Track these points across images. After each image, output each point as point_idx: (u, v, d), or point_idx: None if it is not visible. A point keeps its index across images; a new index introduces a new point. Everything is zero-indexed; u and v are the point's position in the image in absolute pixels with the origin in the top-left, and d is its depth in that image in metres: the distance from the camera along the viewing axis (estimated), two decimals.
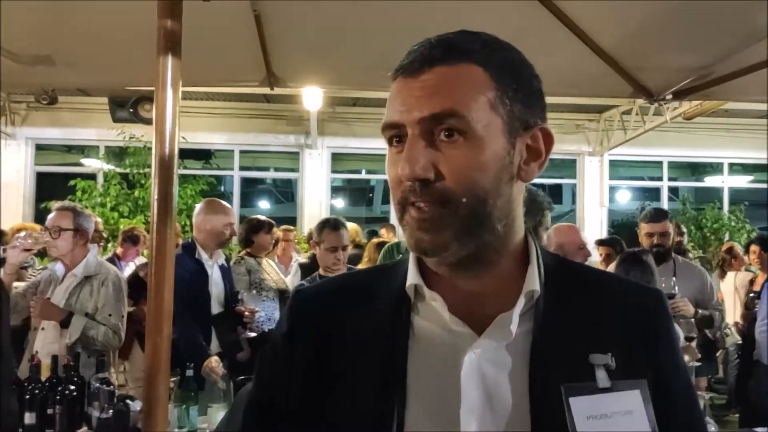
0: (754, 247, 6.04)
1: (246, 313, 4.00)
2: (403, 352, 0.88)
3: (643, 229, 4.12)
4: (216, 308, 3.94)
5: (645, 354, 0.88)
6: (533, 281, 0.89)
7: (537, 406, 0.83)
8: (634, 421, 0.82)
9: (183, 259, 3.93)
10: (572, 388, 0.83)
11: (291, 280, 5.69)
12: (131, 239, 6.13)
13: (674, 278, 3.81)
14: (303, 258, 6.76)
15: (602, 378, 0.84)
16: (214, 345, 3.84)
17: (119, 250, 6.16)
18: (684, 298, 3.79)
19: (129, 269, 5.97)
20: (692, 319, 3.93)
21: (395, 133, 0.87)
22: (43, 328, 3.41)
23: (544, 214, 2.87)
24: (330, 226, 3.55)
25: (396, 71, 0.88)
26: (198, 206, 4.13)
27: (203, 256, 3.92)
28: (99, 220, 6.06)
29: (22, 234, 3.50)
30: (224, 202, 4.18)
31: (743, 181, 11.72)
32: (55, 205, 3.65)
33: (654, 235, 4.04)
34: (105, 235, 7.36)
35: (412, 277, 0.91)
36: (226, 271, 4.09)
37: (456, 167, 0.83)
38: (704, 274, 4.22)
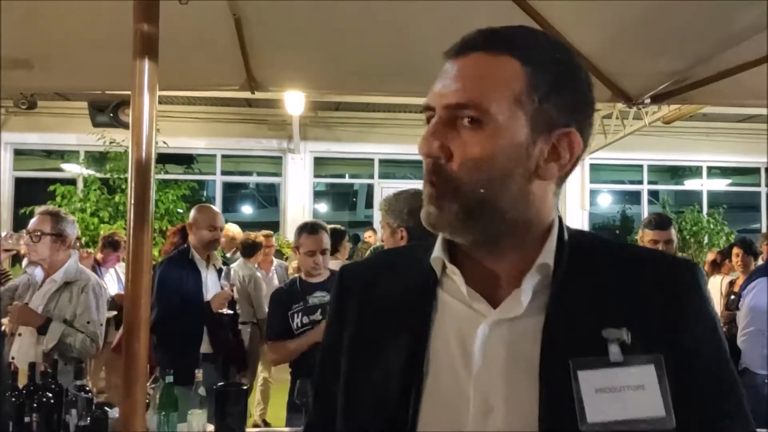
0: (736, 250, 6.06)
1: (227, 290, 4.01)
2: (426, 322, 0.92)
3: (647, 235, 4.08)
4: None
5: (667, 329, 0.86)
6: (547, 255, 0.91)
7: (546, 379, 0.84)
8: (646, 396, 0.82)
9: (176, 262, 3.98)
10: (582, 361, 0.83)
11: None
12: (111, 245, 6.08)
13: None
14: (292, 264, 6.74)
15: (615, 352, 0.84)
16: (206, 347, 3.87)
17: (99, 256, 6.10)
18: None
19: (110, 275, 5.92)
20: None
21: (430, 114, 0.91)
22: (20, 334, 3.36)
23: None
24: (307, 230, 3.54)
25: (445, 53, 0.92)
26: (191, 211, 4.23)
27: (197, 259, 3.96)
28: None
29: (4, 234, 3.46)
30: (213, 207, 4.25)
31: (721, 185, 11.87)
32: (38, 209, 3.62)
33: (659, 243, 4.02)
34: (83, 241, 7.28)
35: (437, 251, 0.96)
36: (223, 275, 4.09)
37: (466, 152, 0.87)
38: None
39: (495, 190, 0.87)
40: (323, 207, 11.87)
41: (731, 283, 6.25)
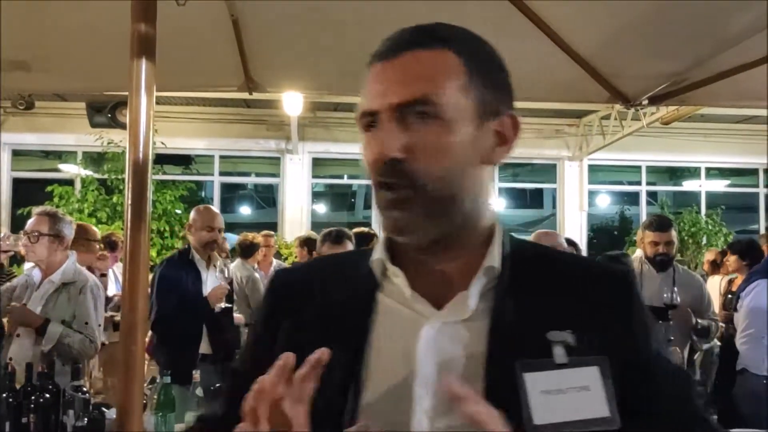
0: (732, 257, 6.01)
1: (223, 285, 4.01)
2: (365, 328, 0.90)
3: (648, 237, 4.08)
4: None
5: (610, 333, 0.88)
6: (493, 258, 0.91)
7: (491, 382, 0.84)
8: (590, 397, 0.83)
9: (176, 262, 4.00)
10: (527, 363, 0.83)
11: None
12: (109, 245, 6.06)
13: (675, 288, 3.80)
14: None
15: (559, 354, 0.84)
16: (205, 347, 3.88)
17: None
18: (687, 309, 3.79)
19: (108, 276, 5.89)
20: (692, 330, 3.94)
21: (370, 120, 0.89)
22: (18, 335, 3.36)
23: None
24: (331, 239, 3.49)
25: (372, 57, 0.91)
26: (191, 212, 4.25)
27: (197, 259, 3.98)
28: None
29: (1, 234, 3.46)
30: (213, 208, 4.27)
31: (720, 185, 11.87)
32: (35, 209, 3.62)
33: (659, 244, 4.01)
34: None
35: (378, 252, 0.94)
36: (218, 270, 4.10)
37: (426, 148, 0.86)
38: (702, 284, 4.20)
39: (456, 182, 0.88)
40: (322, 208, 11.86)
41: (730, 282, 6.23)
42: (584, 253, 5.89)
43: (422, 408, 0.85)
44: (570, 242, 5.74)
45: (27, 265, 5.00)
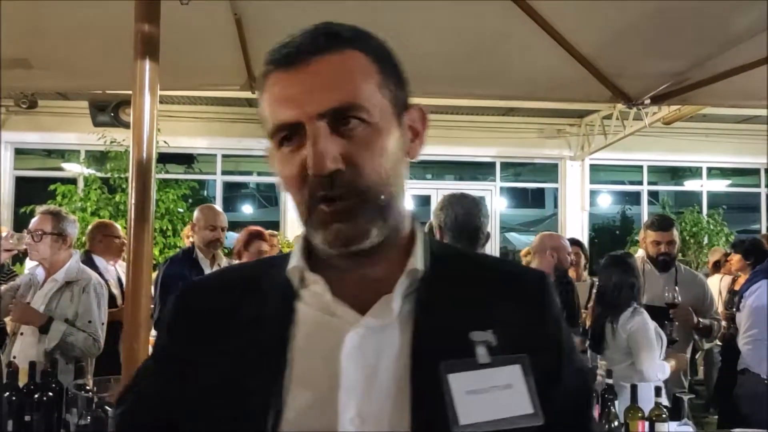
0: (735, 255, 5.99)
1: None
2: (283, 340, 0.86)
3: (650, 236, 4.08)
4: None
5: (530, 333, 0.89)
6: (416, 260, 0.89)
7: (417, 385, 0.83)
8: (514, 394, 0.84)
9: (180, 261, 4.02)
10: (451, 364, 0.83)
11: None
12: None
13: (677, 287, 3.79)
14: None
15: (482, 354, 0.84)
16: None
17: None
18: (688, 308, 3.79)
19: (109, 274, 5.88)
20: (694, 330, 3.94)
21: (286, 134, 0.85)
22: (21, 333, 3.37)
23: None
24: None
25: (271, 65, 0.86)
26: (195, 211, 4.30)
27: (200, 258, 4.02)
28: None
29: (4, 234, 3.46)
30: (216, 207, 4.35)
31: (721, 185, 11.86)
32: (39, 208, 3.63)
33: (661, 244, 4.00)
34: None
35: (295, 260, 0.91)
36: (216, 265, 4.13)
37: (364, 155, 0.83)
38: (705, 284, 4.18)
39: (392, 183, 0.86)
40: None
41: (733, 281, 6.21)
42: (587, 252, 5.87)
43: (348, 417, 0.82)
44: (574, 242, 5.74)
45: (29, 264, 5.01)
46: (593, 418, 0.99)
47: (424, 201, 10.83)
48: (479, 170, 11.25)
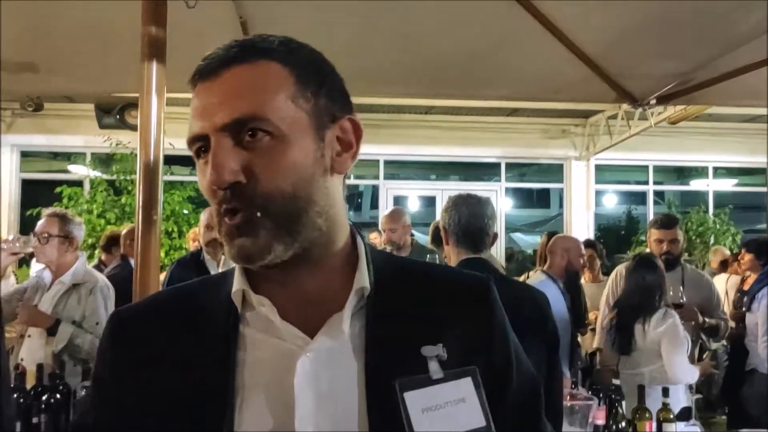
0: (746, 254, 5.94)
1: None
2: (229, 367, 0.83)
3: (653, 235, 4.07)
4: None
5: (477, 342, 0.89)
6: (363, 278, 0.88)
7: (374, 405, 0.82)
8: (467, 408, 0.84)
9: (187, 263, 4.06)
10: (407, 382, 0.82)
11: None
12: (116, 240, 6.07)
13: (681, 288, 3.77)
14: None
15: (435, 370, 0.84)
16: None
17: (104, 257, 6.06)
18: (693, 308, 3.78)
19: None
20: (700, 330, 3.93)
21: (201, 145, 0.84)
22: (29, 336, 3.38)
23: None
24: None
25: (193, 77, 0.85)
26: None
27: (207, 260, 4.06)
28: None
29: (11, 237, 3.47)
30: None
31: (728, 185, 11.83)
32: (45, 211, 3.64)
33: (664, 242, 3.99)
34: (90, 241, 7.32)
35: (238, 283, 0.87)
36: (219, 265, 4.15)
37: (266, 167, 0.81)
38: (711, 283, 4.17)
39: (303, 197, 0.83)
40: None
41: (742, 281, 6.17)
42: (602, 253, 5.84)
43: None
44: (589, 243, 5.72)
45: (35, 267, 5.03)
46: (545, 422, 0.97)
47: (429, 202, 10.84)
48: (484, 171, 11.24)
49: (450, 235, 2.40)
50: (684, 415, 3.10)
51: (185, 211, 9.21)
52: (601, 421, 2.67)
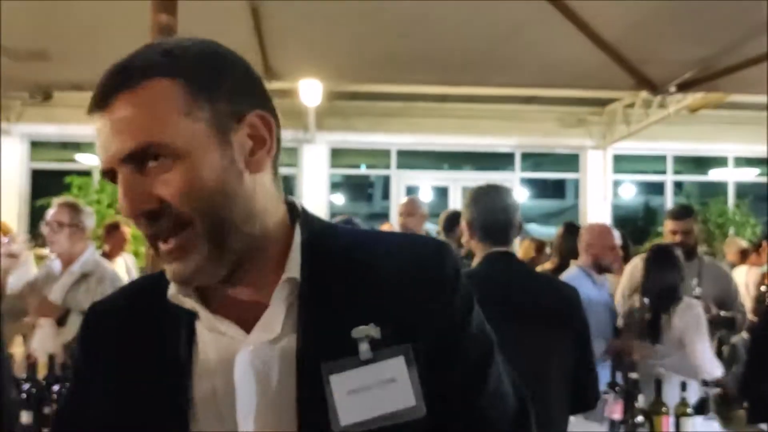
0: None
1: None
2: (186, 362, 0.87)
3: (668, 225, 4.04)
4: None
5: (419, 315, 0.86)
6: (292, 268, 0.87)
7: (304, 393, 0.82)
8: (397, 388, 0.83)
9: None
10: (333, 365, 0.82)
11: None
12: (117, 228, 6.08)
13: (695, 280, 3.73)
14: None
15: (364, 350, 0.83)
16: None
17: (107, 248, 6.03)
18: (706, 302, 3.73)
19: (119, 264, 5.85)
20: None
21: (112, 176, 0.84)
22: (40, 326, 3.38)
23: None
24: None
25: (89, 106, 0.85)
26: None
27: None
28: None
29: (5, 240, 3.47)
30: None
31: (749, 175, 11.66)
32: (55, 200, 3.63)
33: (677, 233, 3.95)
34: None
35: (172, 288, 0.88)
36: None
37: (176, 189, 0.80)
38: (729, 275, 4.13)
39: (228, 208, 0.82)
40: (340, 198, 11.85)
41: (763, 275, 6.09)
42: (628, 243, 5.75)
43: None
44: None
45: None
46: (491, 388, 0.90)
47: (441, 193, 10.79)
48: (498, 161, 11.16)
49: (474, 230, 2.30)
50: (699, 408, 3.05)
51: None
52: (617, 416, 2.63)
